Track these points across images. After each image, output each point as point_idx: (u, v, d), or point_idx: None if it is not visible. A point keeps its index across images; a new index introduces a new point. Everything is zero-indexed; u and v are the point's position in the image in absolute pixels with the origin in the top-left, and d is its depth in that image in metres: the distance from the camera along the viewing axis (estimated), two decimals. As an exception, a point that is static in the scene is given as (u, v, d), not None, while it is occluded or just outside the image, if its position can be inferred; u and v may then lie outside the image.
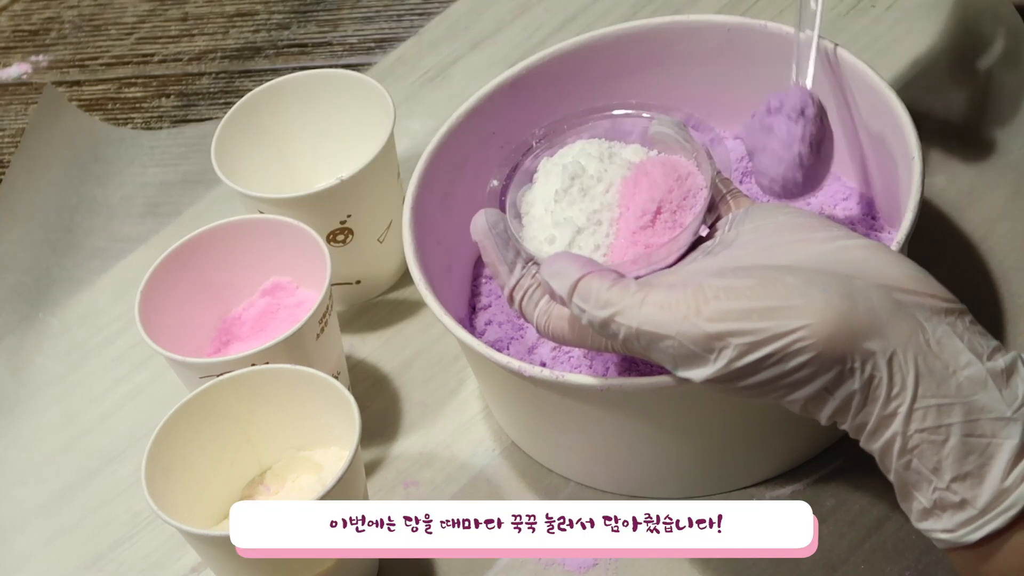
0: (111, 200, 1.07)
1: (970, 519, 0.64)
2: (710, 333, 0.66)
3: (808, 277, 0.67)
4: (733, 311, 0.66)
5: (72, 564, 0.88)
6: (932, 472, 0.64)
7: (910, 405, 0.64)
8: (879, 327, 0.65)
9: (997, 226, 0.90)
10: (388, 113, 0.92)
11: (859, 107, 0.87)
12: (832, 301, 0.65)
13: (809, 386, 0.66)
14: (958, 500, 0.64)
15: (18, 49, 1.21)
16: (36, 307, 1.01)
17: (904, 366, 0.64)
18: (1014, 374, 0.65)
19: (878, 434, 0.65)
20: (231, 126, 0.95)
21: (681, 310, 0.67)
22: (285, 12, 1.18)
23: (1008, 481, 0.63)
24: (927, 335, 0.65)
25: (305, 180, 0.98)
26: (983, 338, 0.66)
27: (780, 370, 0.66)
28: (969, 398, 0.64)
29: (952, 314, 0.66)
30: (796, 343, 0.65)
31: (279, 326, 0.89)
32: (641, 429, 0.79)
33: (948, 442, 0.64)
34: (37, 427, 0.95)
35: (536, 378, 0.77)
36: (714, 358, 0.67)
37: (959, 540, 0.65)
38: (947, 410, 0.64)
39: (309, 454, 0.83)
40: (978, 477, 0.64)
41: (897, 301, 0.66)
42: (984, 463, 0.64)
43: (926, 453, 0.64)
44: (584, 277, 0.70)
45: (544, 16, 1.11)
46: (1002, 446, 0.64)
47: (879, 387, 0.65)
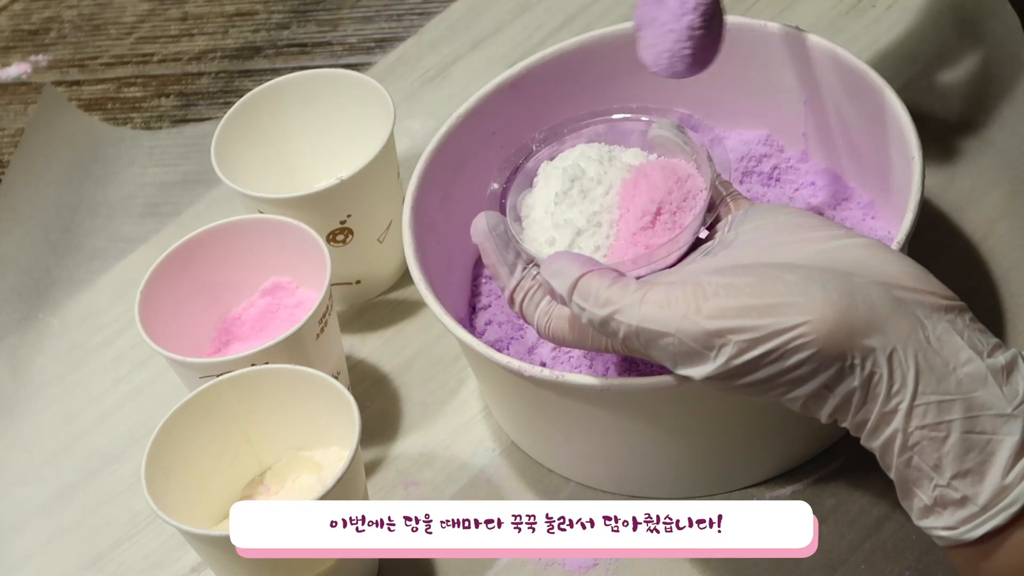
0: (111, 200, 1.07)
1: (971, 516, 0.64)
2: (710, 330, 0.66)
3: (807, 274, 0.67)
4: (733, 308, 0.66)
5: (72, 564, 0.88)
6: (933, 469, 0.64)
7: (910, 402, 0.64)
8: (879, 324, 0.65)
9: (997, 226, 0.90)
10: (388, 113, 0.92)
11: (859, 107, 0.86)
12: (832, 298, 0.65)
13: (809, 383, 0.66)
14: (959, 497, 0.64)
15: (18, 49, 1.21)
16: (36, 307, 1.01)
17: (904, 363, 0.64)
18: (1015, 371, 0.65)
19: (879, 431, 0.65)
20: (231, 126, 0.95)
21: (681, 308, 0.67)
22: (285, 12, 1.18)
23: (1009, 478, 0.63)
24: (927, 332, 0.65)
25: (305, 180, 0.98)
26: (983, 335, 0.66)
27: (780, 367, 0.66)
28: (970, 395, 0.64)
29: (952, 311, 0.66)
30: (796, 340, 0.65)
31: (279, 326, 0.89)
32: (641, 429, 0.79)
33: (949, 439, 0.64)
34: (37, 427, 0.95)
35: (536, 378, 0.77)
36: (714, 355, 0.67)
37: (960, 537, 0.65)
38: (948, 407, 0.64)
39: (309, 454, 0.83)
40: (979, 474, 0.64)
41: (897, 298, 0.66)
42: (985, 460, 0.64)
43: (927, 450, 0.64)
44: (584, 276, 0.71)
45: (544, 16, 1.11)
46: (1003, 443, 0.64)
47: (879, 384, 0.65)
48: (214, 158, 0.92)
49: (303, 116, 0.97)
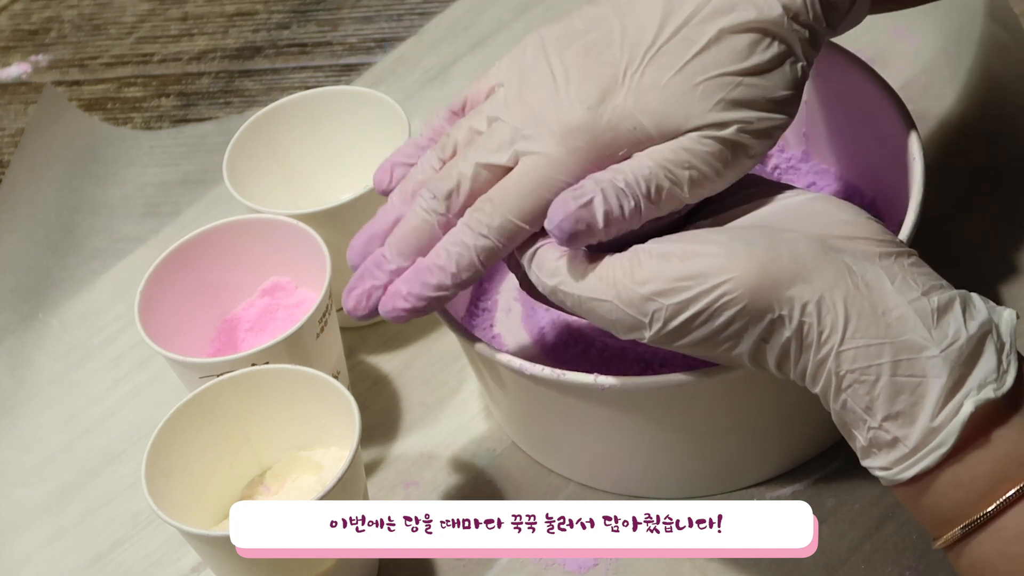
0: (111, 200, 1.07)
1: (903, 457, 0.65)
2: (643, 295, 0.68)
3: (736, 234, 0.68)
4: (663, 274, 0.68)
5: (72, 564, 0.88)
6: (865, 411, 0.66)
7: (839, 346, 0.66)
8: (805, 274, 0.66)
9: (997, 227, 0.90)
10: (402, 126, 0.92)
11: (859, 107, 0.87)
12: (755, 253, 0.67)
13: (746, 339, 0.68)
14: (890, 438, 0.65)
15: (18, 49, 1.21)
16: (36, 308, 1.01)
17: (834, 309, 0.66)
18: (947, 313, 0.66)
19: (817, 378, 0.67)
20: (241, 147, 0.93)
21: (617, 276, 0.69)
22: (285, 12, 1.18)
23: (938, 420, 0.65)
24: (855, 278, 0.66)
25: (319, 197, 0.96)
26: (923, 278, 0.67)
27: (712, 326, 0.67)
28: (898, 338, 0.65)
29: (889, 256, 0.68)
30: (722, 297, 0.67)
31: (279, 326, 0.89)
32: (641, 428, 0.79)
33: (879, 382, 0.65)
34: (37, 427, 0.95)
35: (536, 377, 0.77)
36: (648, 320, 0.69)
37: (894, 477, 0.66)
38: (876, 350, 0.65)
39: (309, 454, 0.83)
40: (909, 416, 0.65)
41: (828, 247, 0.67)
42: (915, 402, 0.65)
43: (859, 393, 0.66)
44: (541, 247, 0.72)
45: (544, 16, 1.11)
46: (931, 385, 0.65)
47: (810, 332, 0.66)
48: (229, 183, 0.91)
49: (311, 135, 0.96)
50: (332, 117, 0.96)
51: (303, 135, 0.96)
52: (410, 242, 0.74)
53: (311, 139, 0.96)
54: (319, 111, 0.96)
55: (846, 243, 0.68)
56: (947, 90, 0.98)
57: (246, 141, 0.94)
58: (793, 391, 0.73)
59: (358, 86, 1.05)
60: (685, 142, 0.71)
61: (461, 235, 0.73)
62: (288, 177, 0.96)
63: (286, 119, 0.96)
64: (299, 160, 0.97)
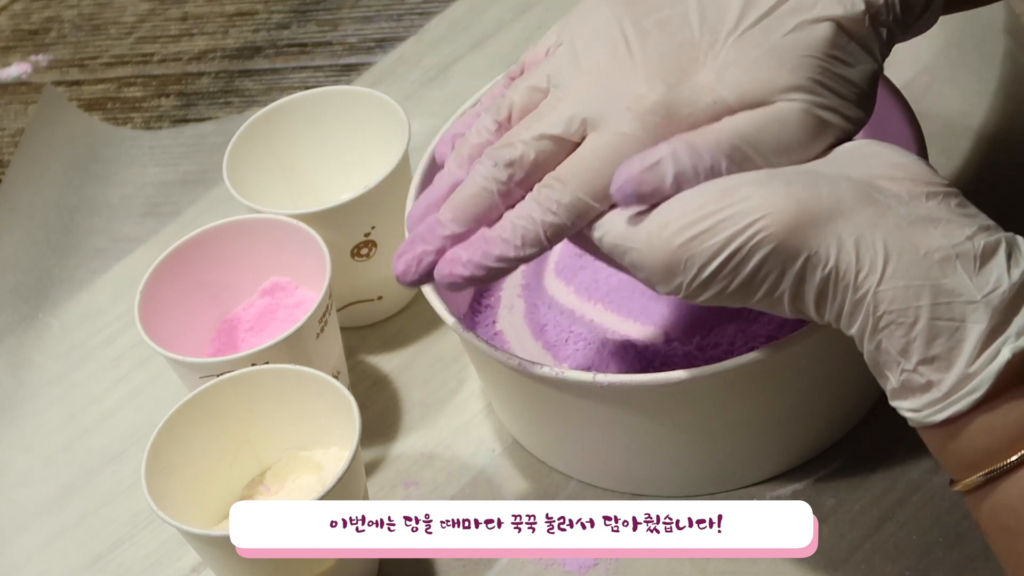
0: (111, 200, 1.07)
1: (934, 401, 0.64)
2: (677, 244, 0.66)
3: (774, 173, 0.67)
4: (697, 218, 0.66)
5: (72, 564, 0.88)
6: (900, 354, 0.64)
7: (878, 286, 0.64)
8: (844, 210, 0.65)
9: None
10: (402, 126, 0.92)
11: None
12: (793, 190, 0.65)
13: (784, 280, 0.65)
14: (924, 382, 0.64)
15: (18, 49, 1.21)
16: (36, 307, 1.01)
17: (873, 247, 0.64)
18: (992, 258, 0.64)
19: (853, 317, 0.65)
20: (241, 147, 0.94)
21: (651, 225, 0.67)
22: (285, 12, 1.18)
23: (974, 366, 0.63)
24: (898, 219, 0.65)
25: (320, 198, 0.96)
26: (969, 219, 0.65)
27: (749, 267, 0.65)
28: (939, 281, 0.64)
29: (935, 197, 0.66)
30: (756, 235, 0.65)
31: (279, 326, 0.89)
32: (642, 426, 0.79)
33: (916, 324, 0.64)
34: (37, 427, 0.95)
35: (537, 375, 0.77)
36: (683, 267, 0.67)
37: (923, 420, 0.65)
38: (916, 292, 0.64)
39: (309, 454, 0.83)
40: (946, 361, 0.64)
41: (872, 187, 0.66)
42: (952, 347, 0.64)
43: (895, 335, 0.64)
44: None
45: (544, 16, 1.11)
46: (970, 331, 0.63)
47: (848, 270, 0.64)
48: (229, 184, 0.91)
49: (311, 135, 0.96)
50: (332, 117, 0.96)
51: (303, 135, 0.96)
52: (467, 209, 0.72)
53: (311, 139, 0.96)
54: (319, 111, 0.96)
55: (892, 184, 0.66)
56: (948, 90, 0.97)
57: (246, 141, 0.94)
58: (793, 391, 0.73)
59: (358, 86, 1.05)
60: (771, 109, 0.69)
61: (529, 210, 0.71)
62: (288, 177, 0.96)
63: (286, 119, 0.96)
64: (299, 160, 0.97)
